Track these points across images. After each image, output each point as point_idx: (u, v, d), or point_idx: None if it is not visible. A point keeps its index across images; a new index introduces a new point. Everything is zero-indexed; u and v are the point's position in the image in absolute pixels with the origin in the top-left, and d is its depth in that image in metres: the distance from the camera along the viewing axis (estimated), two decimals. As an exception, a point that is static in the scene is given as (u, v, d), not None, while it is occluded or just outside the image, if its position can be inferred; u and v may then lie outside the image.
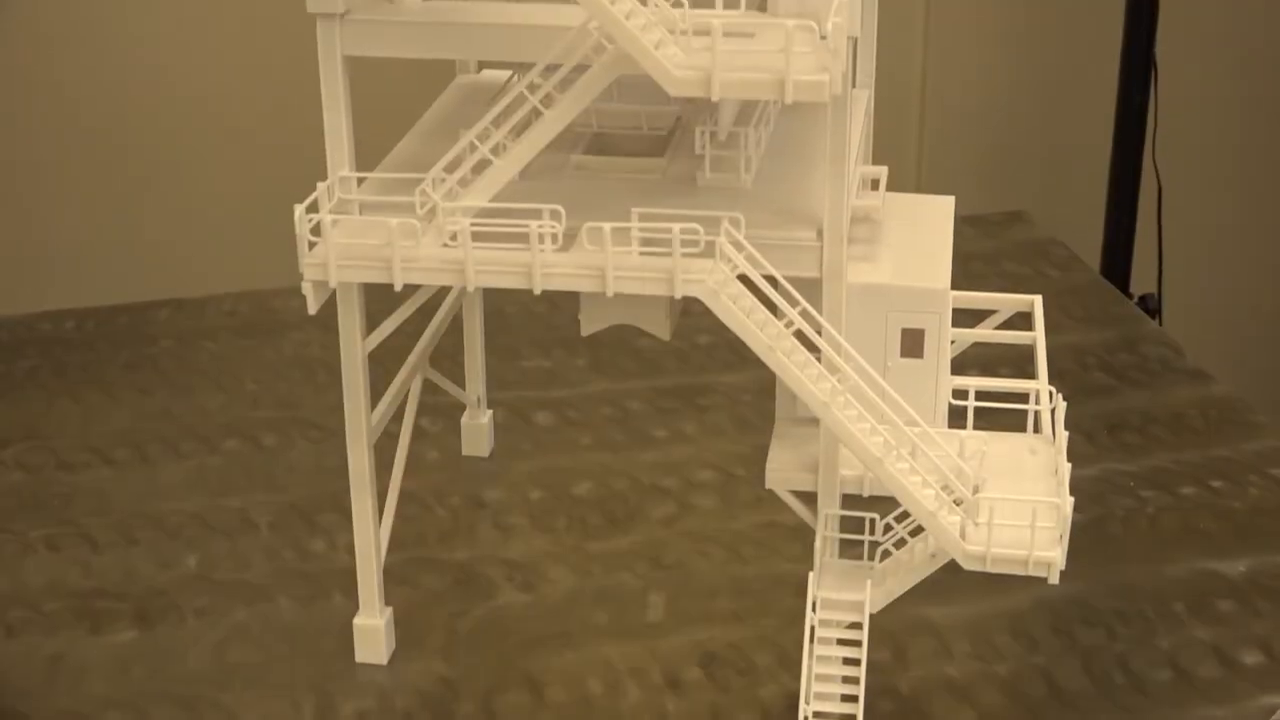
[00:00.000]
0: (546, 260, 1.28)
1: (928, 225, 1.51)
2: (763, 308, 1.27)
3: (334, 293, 1.36)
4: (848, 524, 1.38)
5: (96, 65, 2.82)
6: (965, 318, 1.55)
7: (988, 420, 1.44)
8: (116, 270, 2.89)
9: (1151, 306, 3.00)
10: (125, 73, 2.83)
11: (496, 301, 2.04)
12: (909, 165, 3.15)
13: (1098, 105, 3.00)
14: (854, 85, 1.49)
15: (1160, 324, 2.99)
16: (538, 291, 1.29)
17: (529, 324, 2.22)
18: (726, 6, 1.25)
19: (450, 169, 1.31)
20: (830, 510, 1.38)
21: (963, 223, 1.65)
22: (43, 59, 2.81)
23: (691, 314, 1.46)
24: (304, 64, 1.42)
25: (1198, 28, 3.15)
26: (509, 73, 1.58)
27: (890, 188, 1.52)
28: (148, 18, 2.80)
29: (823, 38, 1.19)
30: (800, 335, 1.28)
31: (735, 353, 2.07)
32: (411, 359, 1.62)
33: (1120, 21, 2.88)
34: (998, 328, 1.60)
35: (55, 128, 2.86)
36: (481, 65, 1.70)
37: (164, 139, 2.89)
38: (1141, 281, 3.05)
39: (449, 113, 1.59)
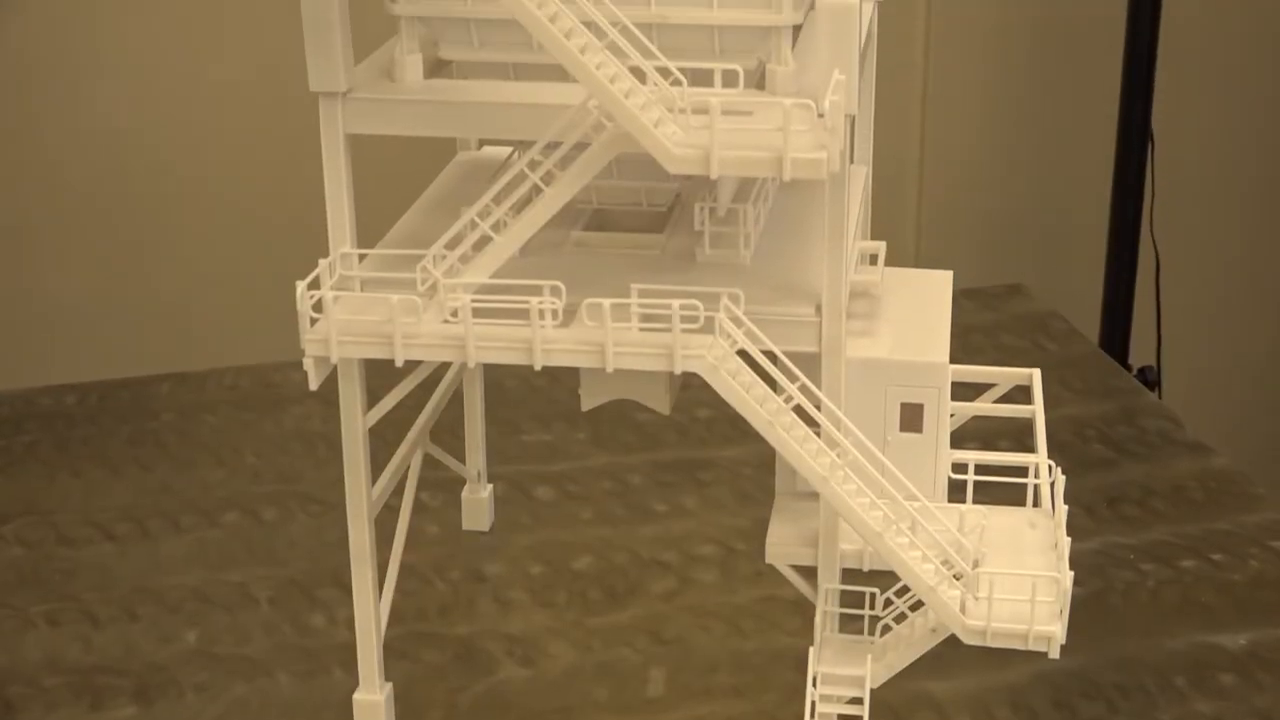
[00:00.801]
0: (547, 336, 1.28)
1: (926, 300, 1.52)
2: (762, 383, 1.28)
3: (335, 368, 1.37)
4: (848, 598, 1.38)
5: (98, 139, 2.83)
6: (965, 391, 1.56)
7: (987, 494, 1.44)
8: (118, 344, 2.90)
9: (1151, 378, 3.01)
10: (127, 148, 2.84)
11: (497, 375, 2.05)
12: (908, 239, 3.17)
13: (1095, 178, 3.01)
14: (852, 161, 1.50)
15: (1160, 396, 3.00)
16: (538, 367, 1.29)
17: (529, 398, 2.23)
18: (725, 84, 1.26)
19: (451, 246, 1.32)
20: (830, 585, 1.38)
21: (961, 296, 1.66)
22: (45, 133, 2.83)
23: (691, 387, 1.46)
24: (305, 140, 1.44)
25: (1193, 101, 3.18)
26: (510, 149, 1.59)
27: (889, 261, 1.52)
28: (150, 93, 2.82)
29: (820, 116, 1.20)
30: (800, 410, 1.28)
31: (735, 426, 2.06)
32: (412, 434, 1.62)
33: (1117, 95, 2.90)
34: (997, 401, 1.60)
35: (57, 202, 2.88)
36: (482, 142, 1.71)
37: (165, 214, 2.90)
38: (1140, 353, 3.06)
39: (450, 189, 1.60)
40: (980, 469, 1.45)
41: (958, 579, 1.29)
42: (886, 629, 1.37)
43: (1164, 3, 2.84)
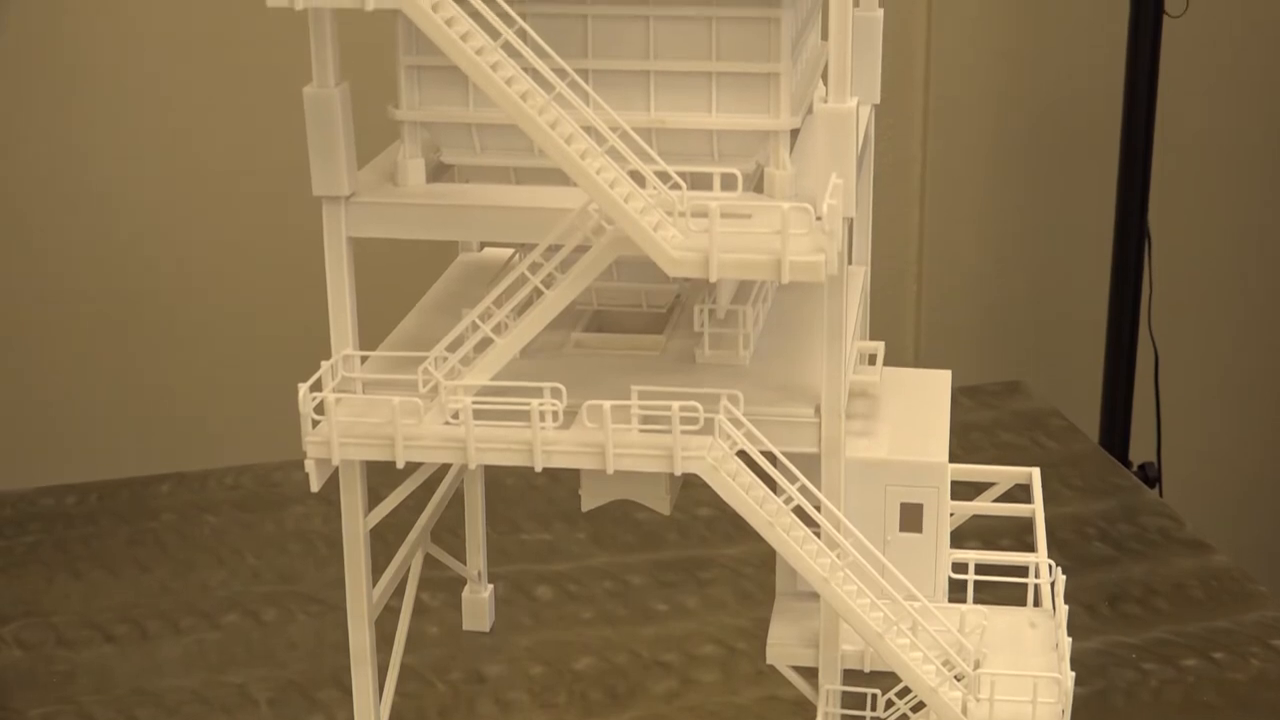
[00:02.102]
0: (547, 438, 1.29)
1: (925, 399, 1.53)
2: (761, 483, 1.28)
3: (337, 469, 1.37)
4: (849, 699, 1.38)
5: (99, 240, 2.85)
6: (965, 490, 1.56)
7: (988, 593, 1.44)
8: (119, 444, 2.90)
9: (1151, 475, 3.01)
10: (127, 249, 2.86)
11: (497, 474, 2.05)
12: (907, 337, 3.18)
13: (1093, 276, 3.03)
14: (850, 262, 1.52)
15: (1160, 493, 3.00)
16: (539, 469, 1.30)
17: (530, 497, 2.23)
18: (724, 188, 1.28)
19: (453, 348, 1.33)
20: (832, 685, 1.38)
21: (960, 393, 1.66)
22: (47, 234, 2.85)
23: (692, 486, 1.47)
24: (307, 242, 1.45)
25: (1189, 198, 3.20)
26: (511, 250, 1.61)
27: (888, 359, 1.53)
28: (152, 195, 2.84)
29: (818, 219, 1.22)
30: (799, 510, 1.28)
31: (736, 525, 2.06)
32: (413, 534, 1.62)
33: (1113, 193, 2.92)
34: (997, 500, 1.60)
35: (58, 303, 2.89)
36: (484, 243, 1.73)
37: (167, 314, 2.91)
38: (1140, 450, 3.06)
39: (452, 290, 1.61)
40: (981, 568, 1.45)
41: (959, 680, 1.29)
42: (888, 730, 1.37)
43: (1159, 102, 2.87)
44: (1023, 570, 1.46)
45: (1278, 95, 3.24)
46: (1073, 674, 1.30)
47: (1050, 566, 1.44)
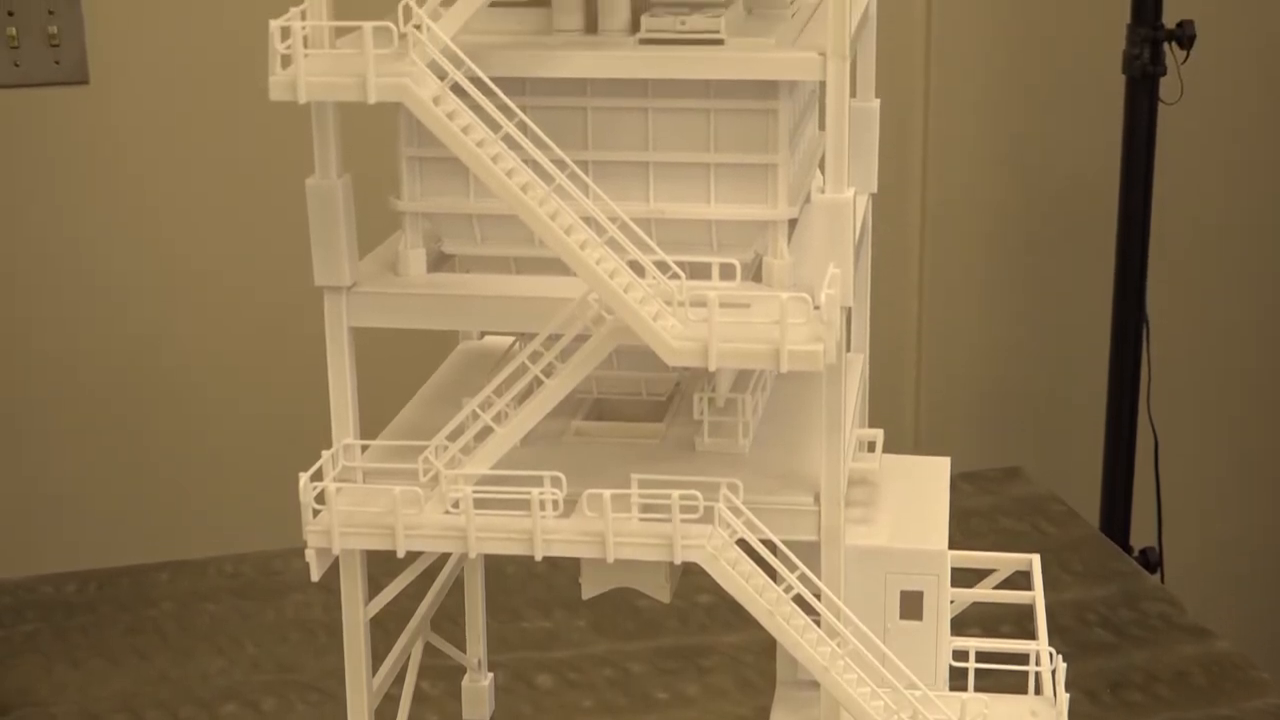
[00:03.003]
0: (547, 527, 1.29)
1: (924, 486, 1.53)
2: (761, 572, 1.28)
3: (337, 558, 1.37)
4: (851, 789, 1.37)
5: (99, 329, 2.86)
6: (965, 576, 1.56)
7: (989, 680, 1.44)
8: (118, 532, 2.90)
9: (1152, 560, 3.00)
10: (128, 336, 2.87)
11: (498, 562, 2.05)
12: (906, 422, 3.19)
13: (1092, 361, 3.04)
14: (849, 349, 1.52)
15: (1162, 578, 2.99)
16: (539, 558, 1.30)
17: (530, 584, 2.23)
18: (722, 277, 1.29)
19: (453, 437, 1.33)
20: (833, 775, 1.37)
21: (960, 479, 1.67)
22: (47, 323, 2.86)
23: (692, 572, 1.46)
24: (308, 330, 1.45)
25: (1187, 283, 3.21)
26: (512, 339, 1.61)
27: (888, 444, 1.54)
28: (152, 281, 2.86)
29: (816, 308, 1.23)
30: (799, 599, 1.28)
31: (736, 613, 2.06)
32: (413, 623, 1.62)
33: (1111, 277, 2.94)
34: (997, 587, 1.60)
35: (57, 389, 2.90)
36: (484, 331, 1.74)
37: (166, 402, 2.92)
38: (1141, 534, 3.06)
39: (452, 379, 1.62)
40: (981, 656, 1.45)
41: (961, 769, 1.29)
42: (890, 820, 1.36)
43: (1155, 187, 2.89)
44: (1024, 658, 1.46)
45: (1273, 180, 3.26)
46: (1075, 763, 1.30)
47: (1051, 654, 1.44)
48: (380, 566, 1.47)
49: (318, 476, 1.34)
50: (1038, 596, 1.56)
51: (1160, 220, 2.93)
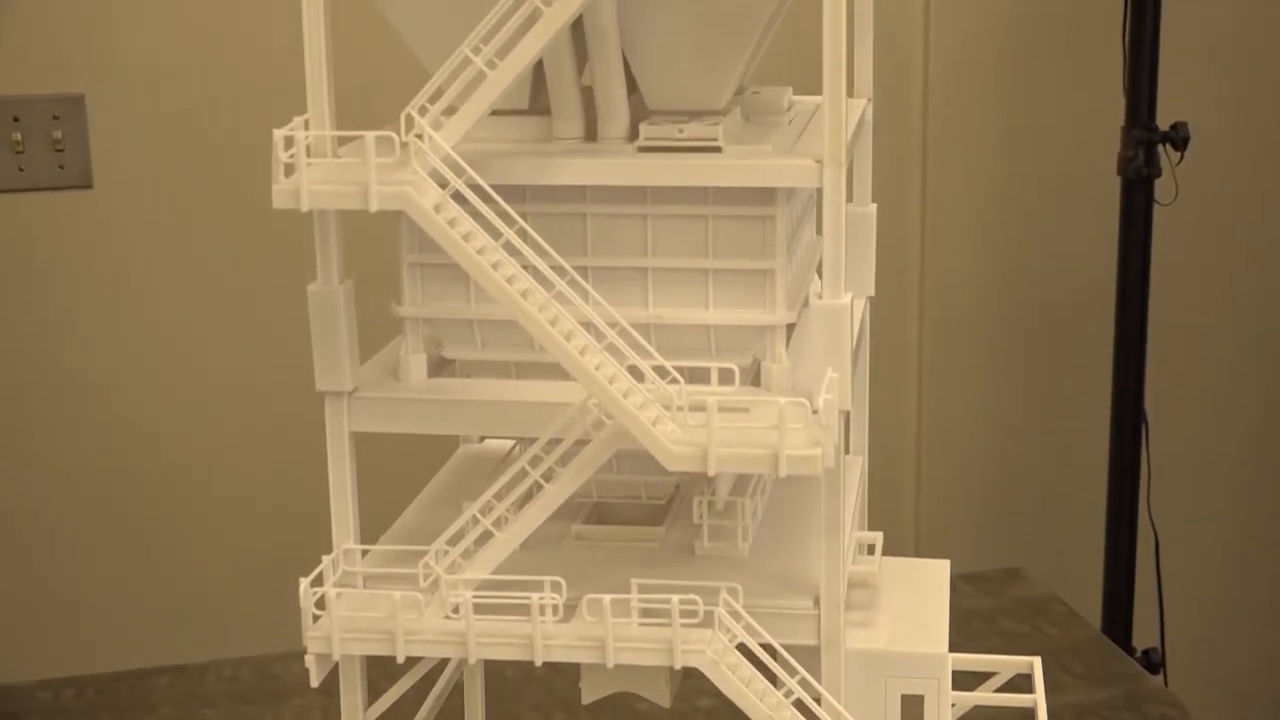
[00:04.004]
0: (547, 632, 1.29)
1: (924, 589, 1.53)
2: (761, 676, 1.28)
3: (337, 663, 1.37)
4: None
5: (97, 432, 2.87)
6: (966, 679, 1.55)
7: (991, 786, 1.43)
8: (117, 636, 2.89)
9: (1155, 661, 2.99)
10: (127, 438, 2.88)
11: (498, 665, 2.03)
12: (906, 523, 3.19)
13: (1091, 460, 3.04)
14: (847, 452, 1.53)
15: (1165, 680, 2.98)
16: (539, 664, 1.30)
17: (530, 688, 2.22)
18: (721, 382, 1.30)
19: (453, 541, 1.33)
20: None
21: (960, 580, 1.66)
22: (44, 423, 2.86)
23: (693, 676, 1.46)
24: (308, 434, 1.46)
25: (1185, 382, 3.22)
26: (512, 442, 1.62)
27: (888, 545, 1.54)
28: (152, 385, 2.86)
29: (815, 412, 1.23)
30: (800, 703, 1.28)
31: (737, 717, 2.05)
32: (413, 728, 1.62)
33: (1109, 376, 2.95)
34: (999, 690, 1.60)
35: (55, 491, 2.90)
36: (485, 435, 1.74)
37: (164, 504, 2.92)
38: (1143, 635, 3.05)
39: (452, 483, 1.63)
40: (983, 760, 1.45)
41: None
42: None
43: (1152, 287, 2.91)
44: (1026, 762, 1.45)
45: (1269, 279, 3.28)
46: None
47: (1053, 758, 1.44)
48: (380, 670, 1.47)
49: (318, 581, 1.34)
50: (1039, 700, 1.55)
51: (1157, 320, 2.94)
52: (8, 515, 2.88)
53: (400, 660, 1.33)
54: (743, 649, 1.28)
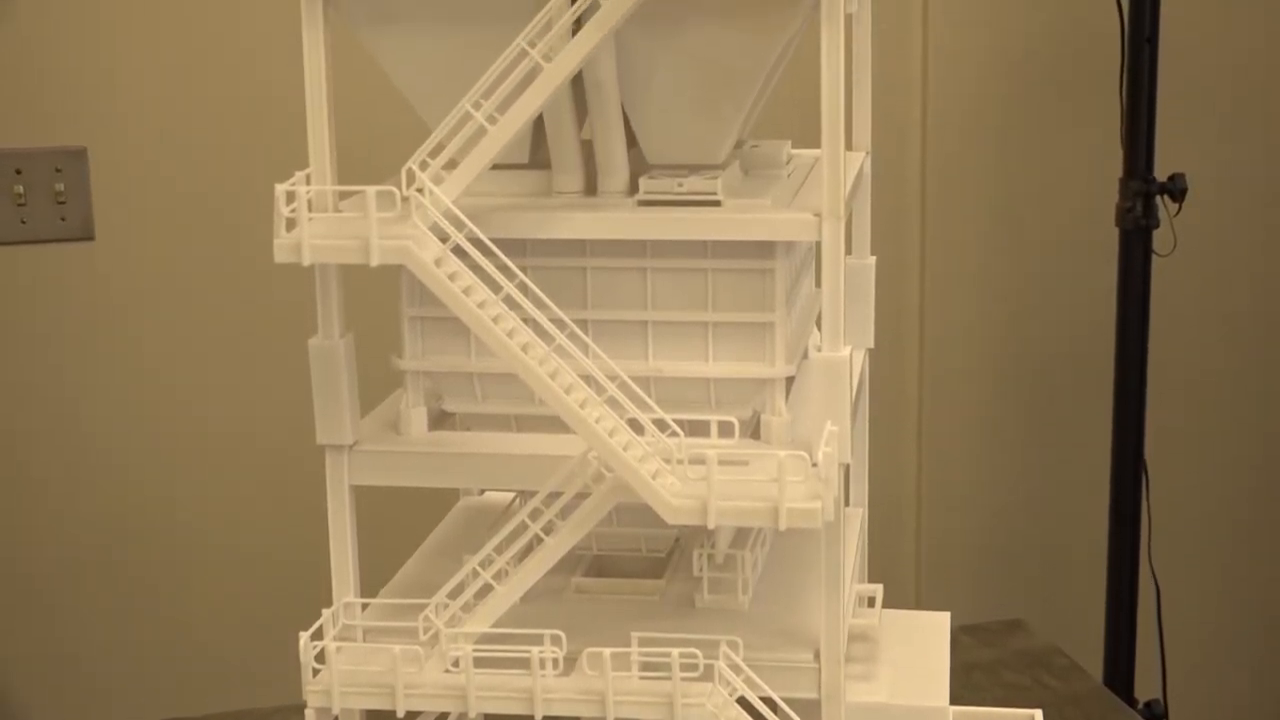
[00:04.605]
0: (547, 685, 1.29)
1: (925, 642, 1.53)
2: (763, 730, 1.28)
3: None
4: None
5: (97, 484, 2.86)
6: (967, 733, 1.55)
7: (993, 841, 1.43)
8: (117, 690, 2.88)
9: (1157, 712, 2.98)
10: (128, 492, 2.87)
11: (498, 718, 2.03)
12: (907, 575, 3.18)
13: (1092, 511, 3.04)
14: (848, 504, 1.53)
15: (1166, 731, 2.97)
16: (539, 718, 1.30)
17: (530, 740, 2.21)
18: (721, 435, 1.30)
19: (453, 594, 1.33)
20: None
21: (961, 632, 1.66)
22: (45, 476, 2.86)
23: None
24: (308, 487, 1.46)
25: (1185, 432, 3.22)
26: (512, 495, 1.62)
27: (889, 597, 1.54)
28: (151, 437, 2.86)
29: (814, 465, 1.24)
30: (801, 758, 1.28)
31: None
32: (412, 782, 1.61)
33: (1109, 427, 2.94)
34: (1000, 743, 1.59)
35: (54, 546, 2.89)
36: (485, 488, 1.74)
37: (163, 558, 2.91)
38: (1145, 687, 3.04)
39: (453, 535, 1.63)
40: (984, 815, 1.44)
41: None
42: None
43: (1151, 337, 2.91)
44: (1028, 816, 1.45)
45: (1267, 329, 3.28)
46: None
47: (1055, 812, 1.43)
48: (379, 722, 1.47)
49: (318, 635, 1.34)
50: (1042, 753, 1.55)
51: (1157, 370, 2.95)
52: (7, 564, 2.87)
53: (400, 715, 1.33)
54: (743, 702, 1.28)
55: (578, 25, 1.25)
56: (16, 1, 2.65)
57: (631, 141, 1.38)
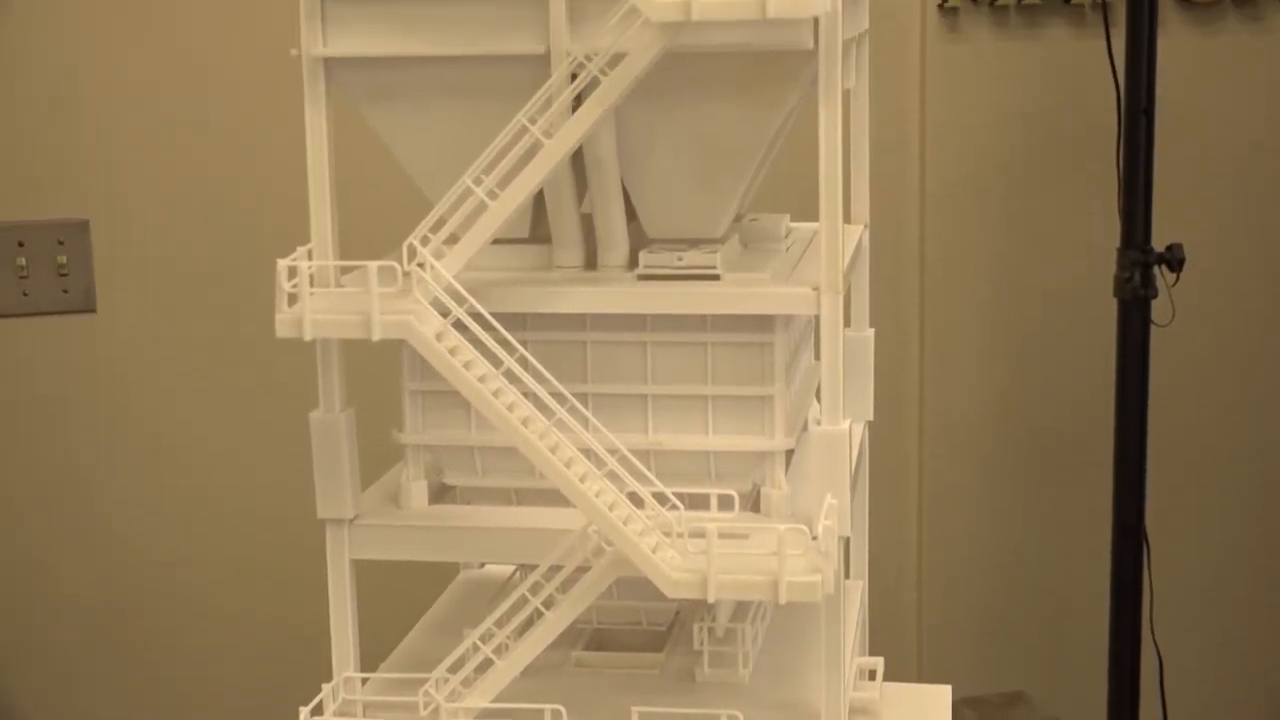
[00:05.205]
0: (548, 760, 1.29)
1: (926, 715, 1.53)
2: (764, 804, 1.28)
3: (337, 790, 1.36)
4: None
5: (98, 553, 2.86)
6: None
7: None
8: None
9: (1161, 784, 2.96)
10: (129, 561, 2.87)
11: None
12: (908, 647, 3.17)
13: (1093, 582, 3.03)
14: (848, 576, 1.53)
15: (1170, 803, 2.95)
16: (539, 792, 1.30)
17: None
18: (721, 508, 1.30)
19: (454, 669, 1.33)
20: None
21: (963, 704, 1.66)
22: (46, 545, 2.86)
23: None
24: (308, 560, 1.46)
25: (1186, 502, 3.22)
26: (512, 568, 1.62)
27: (890, 669, 1.53)
28: (152, 508, 2.86)
29: (814, 539, 1.24)
30: (802, 832, 1.28)
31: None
32: None
33: (1109, 497, 2.94)
34: (1002, 818, 1.59)
35: (56, 614, 2.89)
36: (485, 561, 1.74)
37: (164, 629, 2.91)
38: (1148, 759, 3.02)
39: (453, 609, 1.62)
40: None
41: None
42: None
43: (1151, 408, 2.91)
44: None
45: (1267, 398, 3.28)
46: None
47: None
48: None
49: (318, 710, 1.34)
50: (1044, 827, 1.54)
51: (1157, 440, 2.94)
52: (8, 633, 2.87)
53: (400, 789, 1.33)
54: (744, 777, 1.28)
55: (578, 102, 1.26)
56: (20, 74, 2.67)
57: (631, 215, 1.39)
